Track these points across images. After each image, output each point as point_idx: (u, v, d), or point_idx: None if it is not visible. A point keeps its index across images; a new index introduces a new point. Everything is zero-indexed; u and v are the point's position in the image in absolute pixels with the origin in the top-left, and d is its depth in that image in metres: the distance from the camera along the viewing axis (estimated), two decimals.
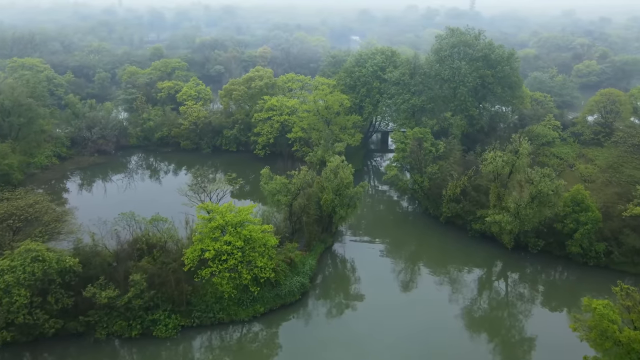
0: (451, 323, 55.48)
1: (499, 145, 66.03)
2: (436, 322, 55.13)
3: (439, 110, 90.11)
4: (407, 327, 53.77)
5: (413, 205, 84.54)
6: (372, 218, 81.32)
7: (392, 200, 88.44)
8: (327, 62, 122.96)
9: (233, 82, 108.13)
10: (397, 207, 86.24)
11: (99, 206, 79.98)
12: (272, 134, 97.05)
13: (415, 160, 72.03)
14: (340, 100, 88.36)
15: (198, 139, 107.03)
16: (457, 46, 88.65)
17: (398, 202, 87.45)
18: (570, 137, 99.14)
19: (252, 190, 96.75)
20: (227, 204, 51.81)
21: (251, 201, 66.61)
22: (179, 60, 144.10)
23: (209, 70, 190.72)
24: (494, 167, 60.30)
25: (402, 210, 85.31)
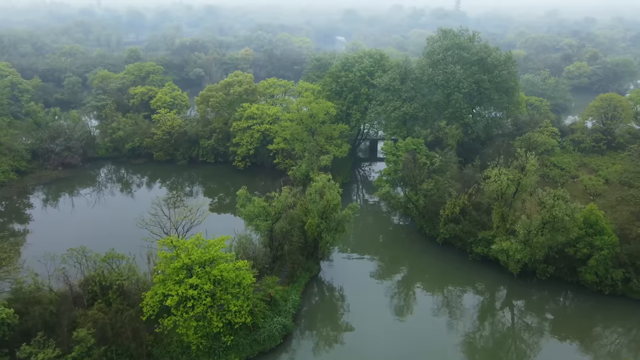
0: (451, 354, 49.58)
1: (502, 161, 59.38)
2: (434, 354, 49.42)
3: (432, 118, 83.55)
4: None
5: (405, 220, 77.87)
6: (362, 235, 74.38)
7: (382, 214, 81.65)
8: (311, 65, 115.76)
9: (210, 88, 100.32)
10: (388, 223, 79.39)
11: (58, 232, 72.14)
12: (253, 144, 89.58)
13: (409, 176, 65.20)
14: (326, 108, 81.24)
15: (173, 150, 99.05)
16: (451, 49, 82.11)
17: (389, 217, 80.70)
18: (570, 145, 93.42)
19: (233, 203, 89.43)
20: (196, 237, 44.26)
21: (232, 214, 59.18)
22: (154, 63, 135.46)
23: (188, 74, 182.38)
24: (498, 186, 53.70)
25: (393, 227, 78.49)
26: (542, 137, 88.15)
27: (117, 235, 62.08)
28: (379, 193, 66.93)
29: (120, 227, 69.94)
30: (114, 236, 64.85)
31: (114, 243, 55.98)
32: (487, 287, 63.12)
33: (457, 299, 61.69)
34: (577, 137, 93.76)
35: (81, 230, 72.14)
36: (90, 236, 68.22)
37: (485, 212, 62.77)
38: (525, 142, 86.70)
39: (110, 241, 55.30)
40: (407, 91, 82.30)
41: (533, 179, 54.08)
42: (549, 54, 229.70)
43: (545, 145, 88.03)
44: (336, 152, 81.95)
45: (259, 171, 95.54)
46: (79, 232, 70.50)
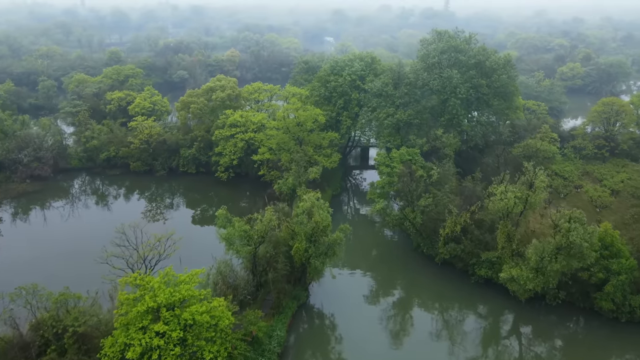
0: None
1: (507, 175, 54.16)
2: None
3: (427, 125, 78.37)
4: None
5: (400, 234, 72.59)
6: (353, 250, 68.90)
7: (374, 225, 76.27)
8: (299, 68, 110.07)
9: (191, 94, 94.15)
10: (381, 237, 73.87)
11: (16, 257, 65.63)
12: (236, 154, 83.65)
13: (405, 191, 59.82)
14: (314, 116, 75.66)
15: (151, 160, 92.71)
16: (447, 52, 77.02)
17: (382, 229, 75.24)
18: (571, 152, 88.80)
19: (215, 216, 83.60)
20: (165, 272, 38.33)
21: (214, 226, 53.23)
22: (134, 66, 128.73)
23: (171, 76, 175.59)
24: (504, 205, 48.52)
25: (387, 242, 73.10)
26: (542, 144, 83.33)
27: (84, 261, 55.77)
28: (373, 210, 61.47)
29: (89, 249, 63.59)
30: (80, 262, 58.82)
31: (80, 271, 50.02)
32: (490, 311, 58.09)
33: (458, 323, 56.74)
34: (579, 143, 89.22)
35: (45, 254, 66.10)
36: (53, 264, 62.42)
37: (489, 231, 57.64)
38: (524, 149, 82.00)
39: (75, 269, 49.27)
40: (400, 97, 77.05)
41: (542, 196, 49.04)
42: (541, 55, 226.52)
43: (546, 152, 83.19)
44: (325, 162, 76.39)
45: (243, 182, 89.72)
46: (42, 258, 64.48)
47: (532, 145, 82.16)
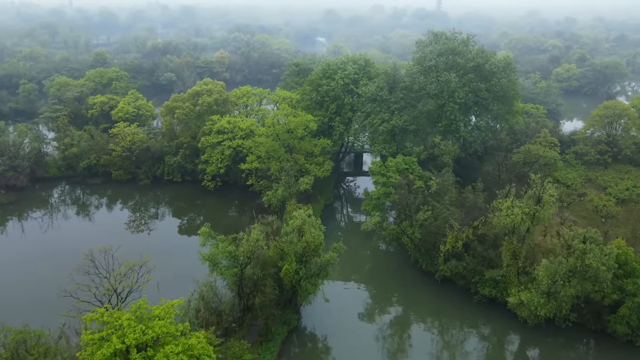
0: None
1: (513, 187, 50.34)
2: None
3: (424, 131, 74.60)
4: None
5: (397, 247, 68.70)
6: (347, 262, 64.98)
7: (369, 237, 72.62)
8: (289, 71, 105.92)
9: (176, 98, 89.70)
10: (376, 250, 69.64)
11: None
12: (223, 162, 79.40)
13: (402, 204, 55.95)
14: (305, 122, 71.64)
15: (134, 168, 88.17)
16: (444, 54, 73.29)
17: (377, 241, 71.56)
18: (573, 158, 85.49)
19: (207, 217, 79.85)
20: (137, 305, 34.06)
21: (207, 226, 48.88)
22: (117, 69, 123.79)
23: (158, 79, 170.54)
24: (511, 221, 44.78)
25: (383, 254, 69.11)
26: (542, 150, 79.87)
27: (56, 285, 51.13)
28: (368, 224, 57.44)
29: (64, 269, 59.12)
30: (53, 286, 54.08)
31: (50, 300, 45.42)
32: (494, 332, 54.38)
33: (460, 344, 53.14)
34: (580, 149, 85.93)
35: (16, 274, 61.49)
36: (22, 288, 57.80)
37: (492, 246, 53.93)
38: (525, 155, 78.53)
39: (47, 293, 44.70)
40: (396, 102, 73.23)
41: (551, 211, 45.37)
42: (535, 55, 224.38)
43: (547, 159, 79.74)
44: (317, 172, 72.37)
45: (231, 191, 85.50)
46: (11, 282, 59.77)
47: (533, 152, 78.72)
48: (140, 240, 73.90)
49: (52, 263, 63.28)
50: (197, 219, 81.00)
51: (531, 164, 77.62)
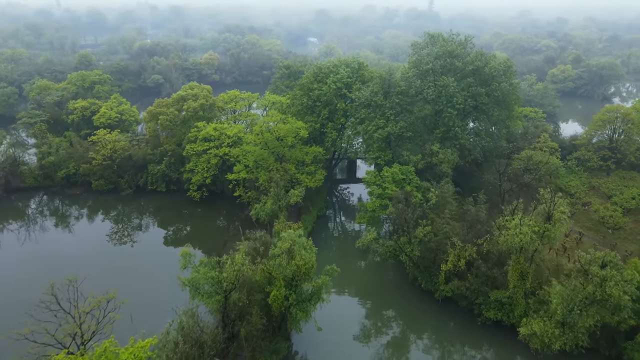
0: None
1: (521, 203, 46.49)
2: None
3: (421, 138, 70.83)
4: None
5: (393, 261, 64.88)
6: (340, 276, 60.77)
7: (364, 250, 68.95)
8: (279, 74, 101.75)
9: (160, 103, 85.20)
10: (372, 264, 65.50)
11: None
12: (209, 172, 75.08)
13: (400, 220, 52.06)
14: (296, 130, 67.57)
15: (116, 177, 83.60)
16: (442, 57, 69.55)
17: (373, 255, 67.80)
18: (575, 164, 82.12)
19: (191, 235, 75.19)
20: (102, 348, 29.76)
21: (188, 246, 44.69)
22: (100, 72, 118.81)
23: (145, 81, 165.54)
24: (519, 241, 41.02)
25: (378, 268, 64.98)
26: (544, 157, 76.36)
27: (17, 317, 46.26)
28: (364, 240, 53.41)
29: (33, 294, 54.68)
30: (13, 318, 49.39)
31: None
32: (499, 356, 50.70)
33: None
34: (582, 154, 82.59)
35: None
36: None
37: (497, 265, 50.19)
38: (526, 163, 74.99)
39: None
40: (391, 107, 69.35)
41: (563, 230, 41.70)
42: (529, 56, 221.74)
43: (549, 166, 76.26)
44: (309, 182, 68.30)
45: (219, 201, 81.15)
46: None
47: (534, 158, 75.17)
48: (123, 253, 69.95)
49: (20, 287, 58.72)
50: (183, 229, 76.91)
51: (532, 171, 74.16)
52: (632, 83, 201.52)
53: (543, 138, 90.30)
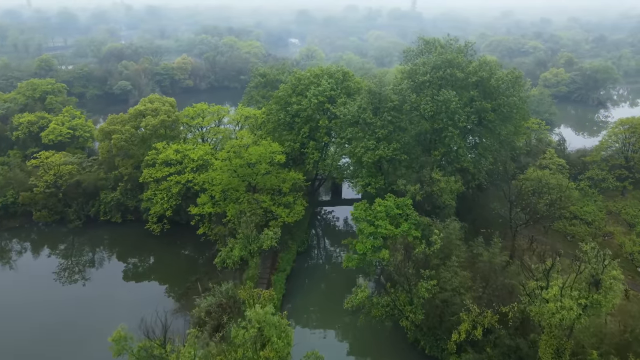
0: None
1: (558, 263, 36.31)
2: None
3: (417, 161, 60.61)
4: None
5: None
6: (327, 331, 50.55)
7: (352, 282, 58.49)
8: (255, 82, 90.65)
9: (114, 120, 73.43)
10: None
11: None
12: (170, 201, 63.75)
13: (399, 275, 41.65)
14: (270, 155, 56.73)
15: (62, 207, 71.72)
16: (441, 68, 59.46)
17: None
18: (587, 185, 72.91)
19: (153, 269, 65.42)
20: None
21: (123, 327, 34.33)
22: (53, 81, 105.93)
23: (112, 87, 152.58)
24: (561, 318, 30.96)
25: (372, 323, 54.78)
26: (556, 178, 66.74)
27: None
28: (354, 301, 42.73)
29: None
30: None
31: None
32: None
33: None
34: (596, 174, 73.45)
35: None
36: None
37: (520, 331, 40.08)
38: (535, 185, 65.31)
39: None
40: (383, 126, 58.95)
41: (616, 301, 31.81)
42: (518, 59, 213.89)
43: (560, 189, 66.64)
44: (286, 217, 57.46)
45: (182, 234, 69.56)
46: None
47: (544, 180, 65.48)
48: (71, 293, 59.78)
49: None
50: (140, 268, 65.97)
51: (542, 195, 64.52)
52: (623, 86, 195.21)
53: (549, 154, 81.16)
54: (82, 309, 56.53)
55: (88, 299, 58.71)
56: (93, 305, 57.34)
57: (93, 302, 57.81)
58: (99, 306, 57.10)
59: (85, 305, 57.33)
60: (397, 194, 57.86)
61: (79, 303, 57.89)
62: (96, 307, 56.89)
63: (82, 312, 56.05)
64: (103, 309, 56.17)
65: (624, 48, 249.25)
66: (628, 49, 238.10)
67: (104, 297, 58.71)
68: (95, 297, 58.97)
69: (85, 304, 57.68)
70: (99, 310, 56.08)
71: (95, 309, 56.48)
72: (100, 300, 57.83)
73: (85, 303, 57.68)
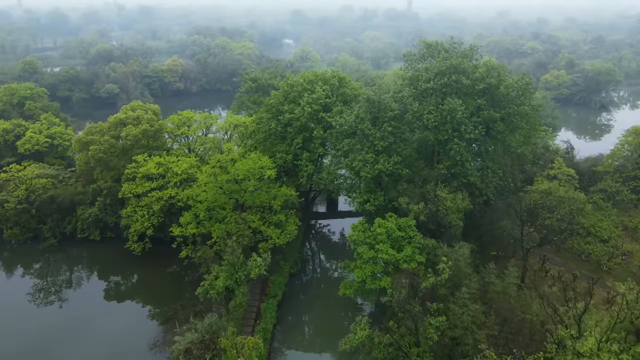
0: None
1: (590, 313, 31.29)
2: None
3: (420, 176, 55.70)
4: None
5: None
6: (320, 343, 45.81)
7: (351, 308, 53.90)
8: (245, 87, 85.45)
9: (92, 129, 68.11)
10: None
11: None
12: (152, 219, 58.54)
13: (404, 311, 36.73)
14: (259, 171, 51.69)
15: (36, 224, 66.42)
16: (445, 74, 54.61)
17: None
18: (600, 197, 68.25)
19: (134, 290, 60.98)
20: None
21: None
22: (33, 85, 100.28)
23: (99, 91, 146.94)
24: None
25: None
26: (566, 191, 61.94)
27: None
28: (352, 341, 37.75)
29: None
30: None
31: None
32: None
33: None
34: (609, 186, 68.85)
35: None
36: None
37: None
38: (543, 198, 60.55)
39: None
40: (383, 138, 54.02)
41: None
42: (517, 60, 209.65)
43: (572, 202, 61.82)
44: (277, 238, 52.38)
45: (167, 251, 64.23)
46: None
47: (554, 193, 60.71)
48: (44, 317, 55.10)
49: None
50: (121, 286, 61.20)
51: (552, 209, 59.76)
52: (624, 88, 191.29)
53: (557, 163, 76.54)
54: (57, 334, 51.78)
55: (63, 323, 54.06)
56: (68, 331, 52.71)
57: (68, 328, 53.14)
58: (73, 331, 52.39)
59: (59, 331, 52.61)
60: (397, 211, 53.03)
61: (53, 329, 53.17)
62: (70, 333, 52.14)
63: (55, 339, 51.22)
64: (77, 337, 51.26)
65: (622, 49, 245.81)
66: (628, 50, 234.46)
67: (79, 321, 53.95)
68: (70, 321, 54.30)
69: (59, 330, 52.94)
70: (72, 338, 51.17)
71: (69, 335, 51.73)
72: (75, 325, 53.14)
73: (60, 329, 52.96)
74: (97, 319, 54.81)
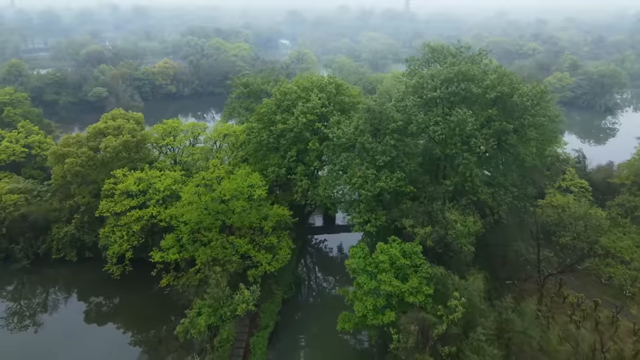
0: None
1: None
2: None
3: (425, 193, 50.71)
4: None
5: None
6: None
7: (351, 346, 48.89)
8: (237, 93, 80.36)
9: (68, 140, 62.76)
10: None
11: None
12: (132, 240, 53.38)
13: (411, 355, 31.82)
14: (248, 190, 46.61)
15: (7, 243, 61.18)
16: (453, 81, 49.70)
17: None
18: (618, 212, 63.41)
19: (115, 314, 56.00)
20: None
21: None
22: (13, 90, 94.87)
23: (87, 95, 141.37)
24: None
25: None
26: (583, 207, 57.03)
27: None
28: None
29: None
30: None
31: None
32: None
33: None
34: (627, 200, 64.03)
35: None
36: None
37: None
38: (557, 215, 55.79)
39: None
40: (385, 152, 49.02)
41: None
42: (517, 61, 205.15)
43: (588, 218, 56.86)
44: (268, 265, 47.30)
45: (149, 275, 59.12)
46: None
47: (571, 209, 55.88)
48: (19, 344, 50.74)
49: None
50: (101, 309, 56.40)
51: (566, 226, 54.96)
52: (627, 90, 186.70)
53: (569, 174, 71.95)
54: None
55: (38, 350, 49.48)
56: (44, 358, 48.06)
57: (44, 355, 48.52)
58: (49, 358, 47.60)
59: (35, 358, 48.07)
60: (400, 233, 48.00)
61: (28, 356, 48.58)
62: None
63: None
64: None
65: (624, 49, 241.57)
66: (629, 51, 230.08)
67: (56, 347, 49.46)
68: (46, 347, 49.51)
69: (35, 357, 48.47)
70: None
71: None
72: (52, 352, 48.74)
73: (36, 356, 48.44)
74: (75, 345, 50.43)
